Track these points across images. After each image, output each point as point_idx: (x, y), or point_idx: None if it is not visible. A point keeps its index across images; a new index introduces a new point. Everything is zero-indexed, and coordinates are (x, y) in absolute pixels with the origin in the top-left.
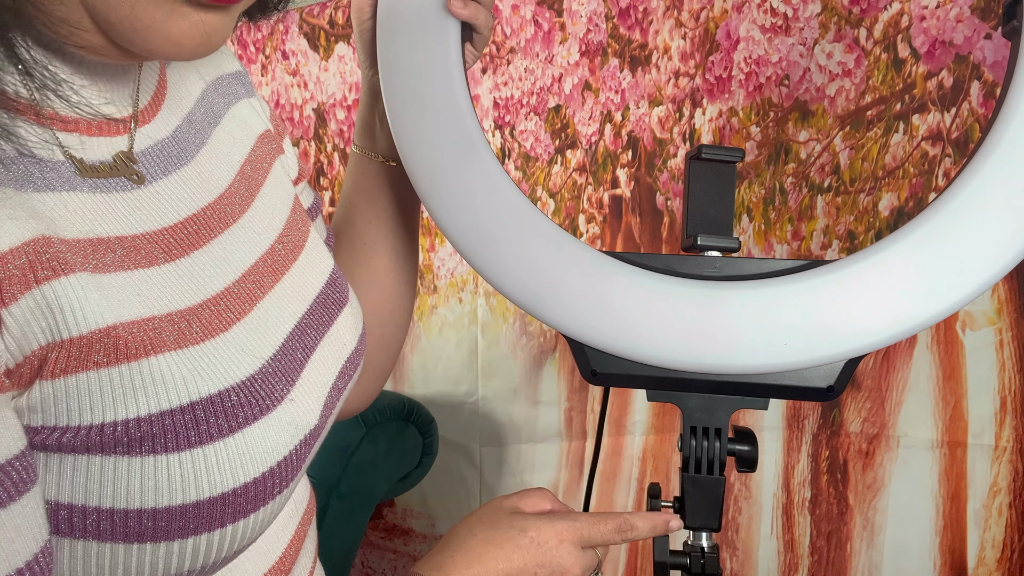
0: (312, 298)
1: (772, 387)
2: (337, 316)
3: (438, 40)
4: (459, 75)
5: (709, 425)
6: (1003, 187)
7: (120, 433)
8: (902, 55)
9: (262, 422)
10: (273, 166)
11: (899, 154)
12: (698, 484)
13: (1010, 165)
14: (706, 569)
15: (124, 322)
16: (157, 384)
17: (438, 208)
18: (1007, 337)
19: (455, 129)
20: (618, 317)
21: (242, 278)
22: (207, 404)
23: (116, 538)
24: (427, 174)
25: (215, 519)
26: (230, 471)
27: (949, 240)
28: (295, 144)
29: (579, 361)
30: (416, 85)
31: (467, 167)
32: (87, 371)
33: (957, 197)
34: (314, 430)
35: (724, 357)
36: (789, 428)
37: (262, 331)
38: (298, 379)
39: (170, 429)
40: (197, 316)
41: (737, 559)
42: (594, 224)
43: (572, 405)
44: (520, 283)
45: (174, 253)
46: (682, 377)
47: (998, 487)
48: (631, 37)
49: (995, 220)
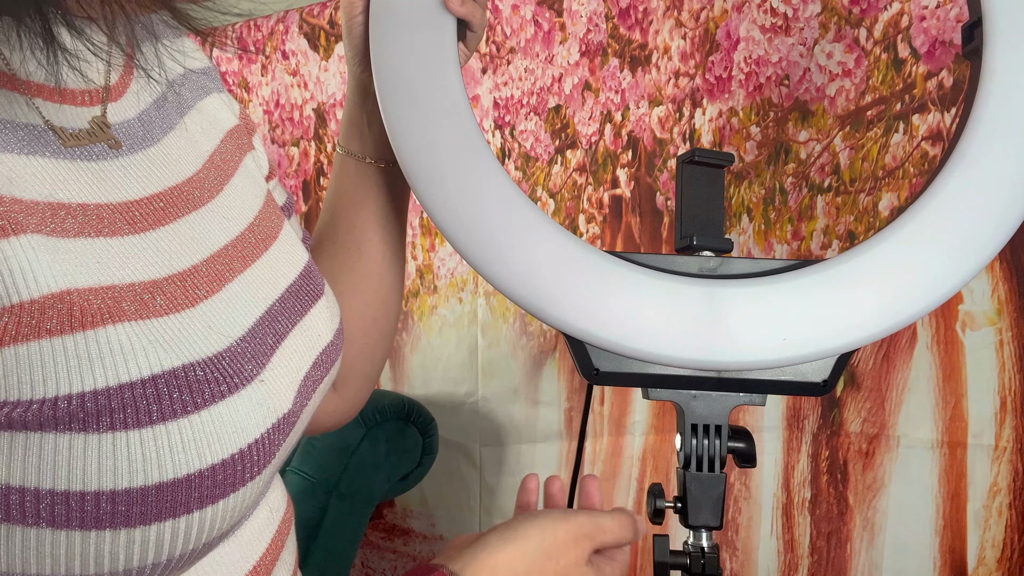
0: (284, 287)
1: (769, 383)
2: (311, 307)
3: (434, 37)
4: (455, 72)
5: (709, 422)
6: (976, 186)
7: (76, 407)
8: (902, 55)
9: (230, 400)
10: (244, 160)
11: (899, 154)
12: (699, 482)
13: (981, 167)
14: (706, 569)
15: (80, 288)
16: (116, 355)
17: (436, 207)
18: (1007, 337)
19: (452, 126)
20: (618, 315)
21: (210, 259)
22: (170, 377)
23: (72, 524)
24: (424, 172)
25: (179, 504)
26: (195, 450)
27: (932, 235)
28: (295, 144)
29: (579, 360)
30: (412, 83)
31: (465, 165)
32: (40, 339)
33: (936, 196)
34: (288, 415)
35: (723, 354)
36: (789, 428)
37: (230, 312)
38: (268, 363)
39: (130, 403)
40: (161, 289)
41: (737, 559)
42: (594, 224)
43: (572, 405)
44: (520, 282)
45: (138, 226)
46: (682, 374)
47: (998, 487)
48: (631, 37)
49: (972, 215)
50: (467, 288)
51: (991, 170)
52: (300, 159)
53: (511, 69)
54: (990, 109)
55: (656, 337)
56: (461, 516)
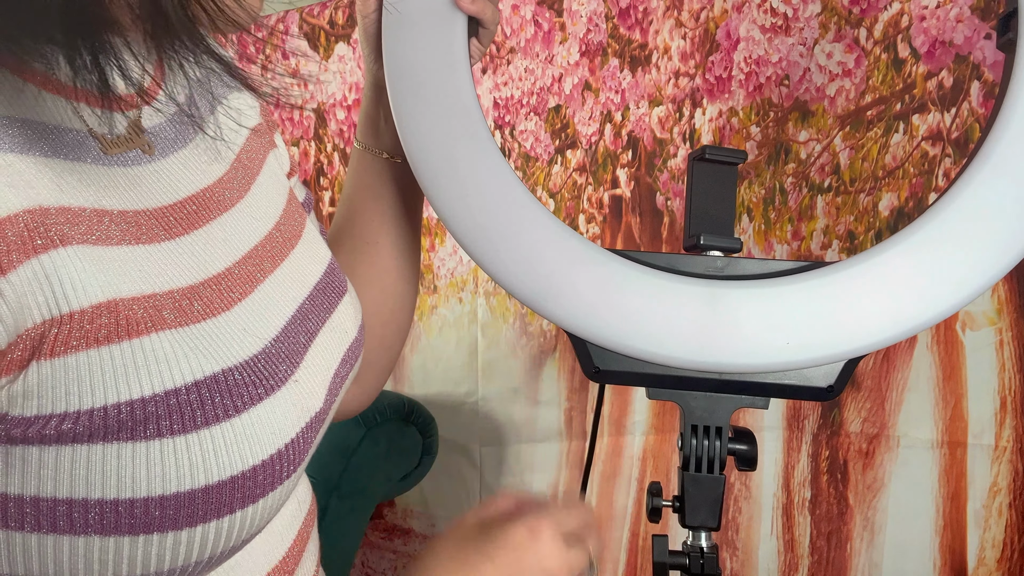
0: (312, 285)
1: (773, 386)
2: (337, 304)
3: (445, 34)
4: (465, 70)
5: (710, 424)
6: (1001, 191)
7: (124, 416)
8: (902, 55)
9: (268, 402)
10: (267, 158)
11: (899, 154)
12: (698, 483)
13: (1007, 170)
14: (706, 569)
15: (124, 297)
16: (160, 362)
17: (442, 202)
18: (1007, 337)
19: (460, 124)
20: (621, 314)
21: (242, 260)
22: (211, 383)
23: (121, 531)
24: (431, 168)
25: (224, 505)
26: (238, 453)
27: (948, 242)
28: (295, 144)
29: (581, 358)
30: (421, 79)
31: (471, 162)
32: (87, 349)
33: (955, 200)
34: (319, 413)
35: (726, 355)
36: (789, 428)
37: (264, 313)
38: (301, 362)
39: (175, 409)
40: (198, 295)
41: (737, 559)
42: (594, 224)
43: (572, 405)
44: (523, 279)
45: (173, 232)
46: (684, 375)
47: (998, 487)
48: (631, 37)
49: (993, 222)
50: (467, 288)
51: (1022, 169)
52: (300, 159)
53: (511, 69)
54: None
55: (658, 337)
56: (461, 516)
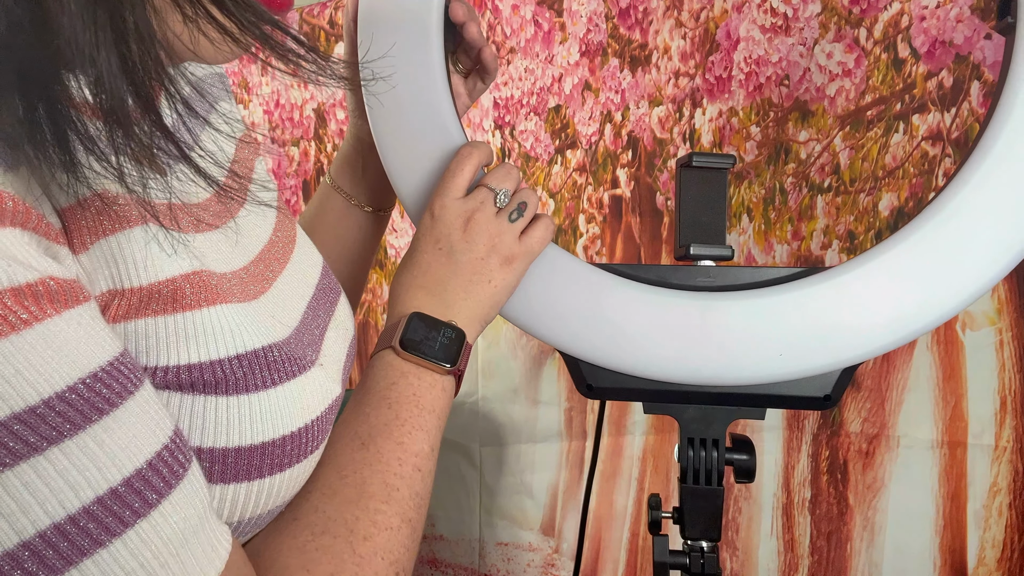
0: (314, 284)
1: (768, 397)
2: (337, 302)
3: (424, 59)
4: (444, 87)
5: (706, 436)
6: (998, 190)
7: (171, 378)
8: (902, 55)
9: (299, 380)
10: (255, 165)
11: (899, 154)
12: (697, 495)
13: (1005, 168)
14: (706, 569)
15: (185, 273)
16: (208, 334)
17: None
18: (1007, 337)
19: (446, 156)
20: (612, 331)
21: (256, 259)
22: (252, 357)
23: None
24: (414, 191)
25: (253, 468)
26: (271, 421)
27: (943, 244)
28: (295, 144)
29: (574, 376)
30: (402, 104)
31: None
32: (145, 318)
33: (952, 200)
34: (337, 399)
35: (719, 369)
36: (789, 428)
37: (283, 305)
38: (321, 350)
39: (220, 377)
40: (234, 280)
41: (737, 559)
42: (594, 224)
43: (572, 405)
44: (512, 301)
45: (201, 228)
46: (678, 389)
47: (998, 487)
48: (631, 37)
49: (990, 223)
50: None
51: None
52: (300, 159)
53: (511, 69)
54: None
55: (649, 354)
56: (461, 516)
